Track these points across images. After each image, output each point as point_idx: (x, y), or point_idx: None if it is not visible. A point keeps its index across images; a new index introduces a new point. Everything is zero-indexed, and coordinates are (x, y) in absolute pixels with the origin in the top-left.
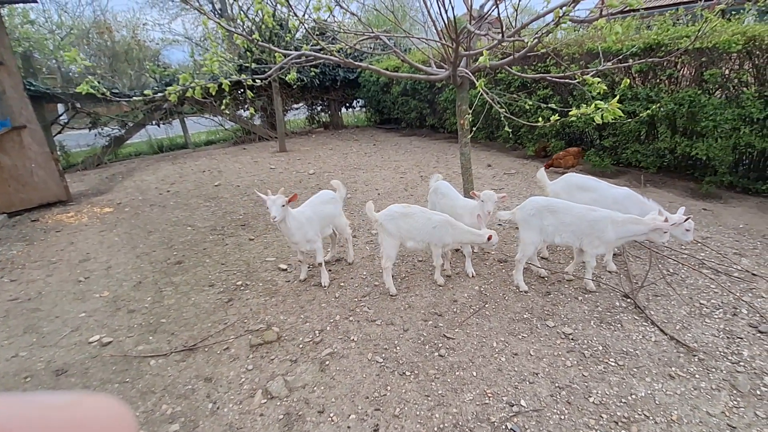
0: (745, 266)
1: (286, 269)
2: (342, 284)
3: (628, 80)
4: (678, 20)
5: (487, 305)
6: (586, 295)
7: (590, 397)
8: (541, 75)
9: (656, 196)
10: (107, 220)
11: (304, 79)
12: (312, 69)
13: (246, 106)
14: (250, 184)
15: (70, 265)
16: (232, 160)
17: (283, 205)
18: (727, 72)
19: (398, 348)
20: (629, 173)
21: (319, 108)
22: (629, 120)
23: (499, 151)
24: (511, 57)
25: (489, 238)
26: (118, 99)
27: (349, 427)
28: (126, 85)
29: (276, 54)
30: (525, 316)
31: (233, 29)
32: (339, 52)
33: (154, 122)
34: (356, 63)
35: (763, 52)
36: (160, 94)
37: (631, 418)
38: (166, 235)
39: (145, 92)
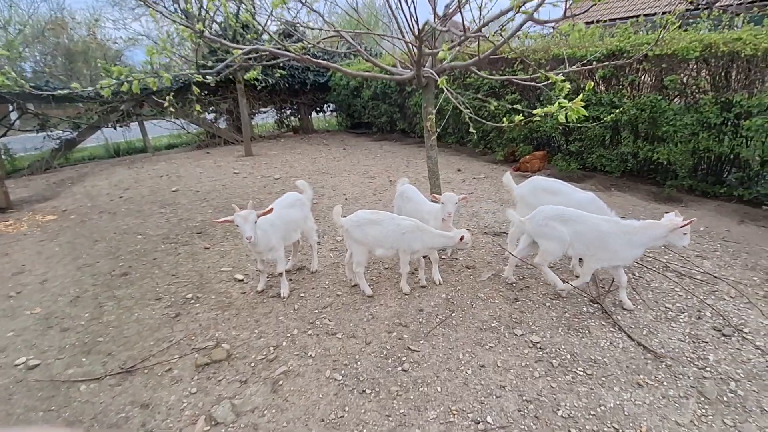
0: (707, 269)
1: (242, 280)
2: (302, 294)
3: (592, 83)
4: (639, 30)
5: (454, 314)
6: (554, 301)
7: (558, 410)
8: (507, 77)
9: (621, 200)
10: (49, 228)
11: (270, 80)
12: (278, 70)
13: (210, 109)
14: (210, 189)
15: (1, 279)
16: (194, 165)
17: (255, 222)
18: (685, 78)
19: (359, 363)
20: (595, 177)
21: (288, 112)
22: (594, 125)
23: (469, 156)
24: (477, 58)
25: (461, 239)
26: (39, 92)
27: None
28: (85, 86)
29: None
30: (493, 324)
31: (179, 21)
32: (303, 50)
33: (110, 125)
34: (315, 60)
35: (719, 60)
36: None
37: (601, 431)
38: (114, 244)
39: (72, 85)
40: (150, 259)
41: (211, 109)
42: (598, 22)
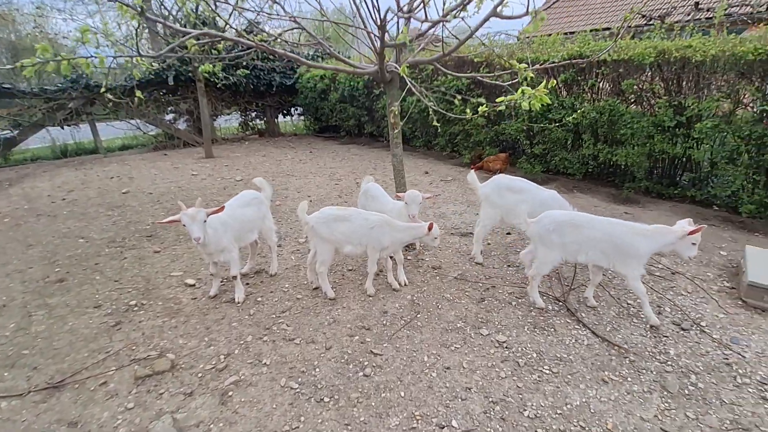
0: (665, 265)
1: (194, 285)
2: (259, 299)
3: (555, 81)
4: (597, 38)
5: (419, 315)
6: (520, 300)
7: (525, 410)
8: (472, 75)
9: (583, 201)
10: None
11: (232, 78)
12: (242, 69)
13: (169, 109)
14: (165, 191)
15: None
16: (149, 166)
17: (205, 221)
18: (641, 83)
19: (318, 370)
20: (558, 180)
21: (253, 114)
22: (555, 125)
23: (437, 159)
24: (441, 54)
25: (430, 228)
26: None
27: None
28: (34, 84)
29: (190, 45)
30: (459, 325)
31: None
32: (261, 40)
33: (56, 123)
34: (272, 48)
35: (671, 65)
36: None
37: (567, 431)
38: (50, 248)
39: None
40: (91, 264)
41: (169, 109)
42: (558, 34)
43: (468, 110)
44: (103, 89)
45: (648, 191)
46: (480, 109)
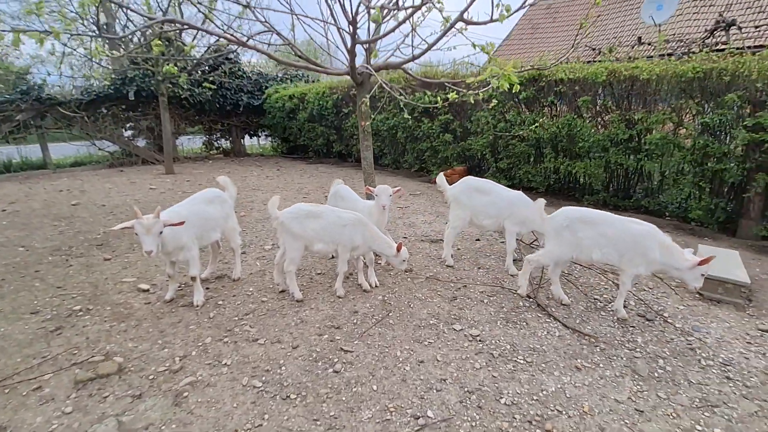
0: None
1: (148, 290)
2: (220, 302)
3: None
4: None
5: (390, 314)
6: (492, 298)
7: (501, 398)
8: (439, 80)
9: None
10: None
11: (195, 90)
12: (208, 84)
13: (128, 125)
14: (120, 203)
15: None
16: (103, 181)
17: (161, 232)
18: (596, 100)
19: (284, 368)
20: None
21: (218, 134)
22: (518, 140)
23: (406, 176)
24: (411, 56)
25: (398, 249)
26: None
27: None
28: None
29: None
30: (431, 321)
31: None
32: (234, 71)
33: (1, 137)
34: (239, 41)
35: (621, 83)
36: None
37: (545, 416)
38: None
39: None
40: (31, 272)
41: (128, 125)
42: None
43: (438, 99)
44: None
45: (606, 203)
46: (451, 96)
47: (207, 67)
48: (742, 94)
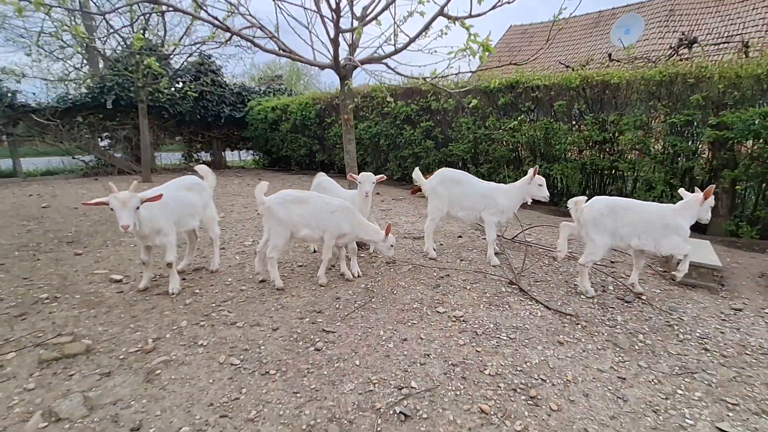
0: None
1: (120, 280)
2: (197, 291)
3: (496, 81)
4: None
5: (373, 299)
6: (474, 285)
7: (486, 369)
8: (425, 77)
9: (528, 213)
10: None
11: (177, 94)
12: (191, 93)
13: (104, 135)
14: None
15: None
16: (76, 187)
17: (138, 207)
18: (571, 104)
19: (263, 348)
20: None
21: (198, 146)
22: (500, 147)
23: (388, 184)
24: (394, 50)
25: (387, 232)
26: None
27: None
28: None
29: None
30: (415, 306)
31: None
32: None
33: None
34: (227, 26)
35: (594, 88)
36: None
37: (529, 384)
38: None
39: None
40: None
41: (105, 135)
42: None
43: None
44: None
45: None
46: (432, 73)
47: (189, 78)
48: (705, 95)
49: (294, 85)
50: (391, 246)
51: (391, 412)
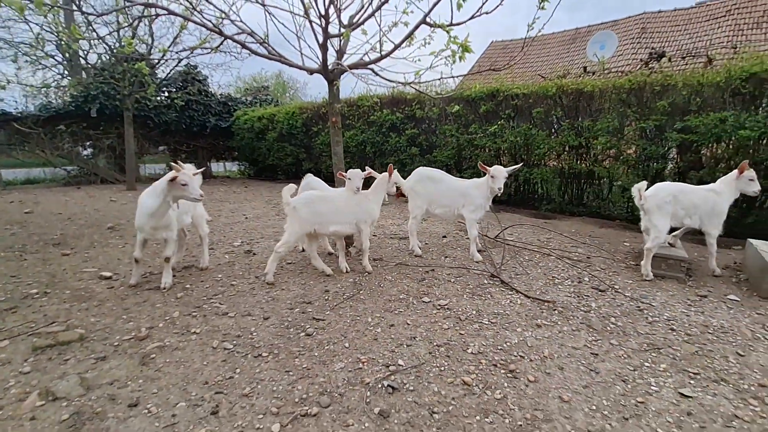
0: (581, 253)
1: (110, 277)
2: (188, 286)
3: (477, 85)
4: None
5: (361, 292)
6: (458, 278)
7: (468, 349)
8: (409, 82)
9: (509, 215)
10: None
11: (163, 102)
12: (178, 101)
13: (87, 144)
14: (78, 212)
15: None
16: (58, 195)
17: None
18: (548, 111)
19: (255, 334)
20: None
21: (183, 155)
22: (482, 152)
23: None
24: (380, 56)
25: (390, 172)
26: None
27: (174, 416)
28: None
29: (126, 42)
30: (401, 296)
31: None
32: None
33: None
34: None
35: (569, 96)
36: None
37: (509, 360)
38: None
39: None
40: None
41: (88, 144)
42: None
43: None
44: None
45: (562, 210)
46: (416, 73)
47: (174, 88)
48: (671, 101)
49: (280, 97)
50: (395, 183)
51: (380, 386)
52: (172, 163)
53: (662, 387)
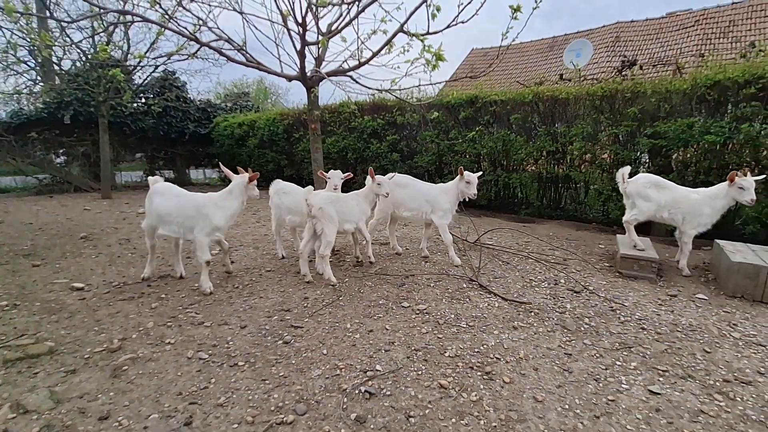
0: (558, 256)
1: (82, 288)
2: (163, 296)
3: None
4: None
5: (341, 298)
6: (438, 282)
7: (446, 352)
8: (386, 89)
9: (490, 220)
10: None
11: (139, 108)
12: (155, 107)
13: (61, 151)
14: (50, 221)
15: None
16: (29, 204)
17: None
18: (526, 117)
19: (231, 343)
20: (468, 210)
21: (161, 162)
22: (462, 158)
23: None
24: (358, 63)
25: (372, 176)
26: None
27: (146, 428)
28: None
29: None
30: (381, 302)
31: None
32: (182, 102)
33: None
34: (195, 38)
35: (545, 103)
36: None
37: (485, 362)
38: None
39: None
40: None
41: (61, 151)
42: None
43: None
44: None
45: (540, 214)
46: (393, 83)
47: (152, 95)
48: (641, 108)
49: (261, 103)
50: (379, 184)
51: (357, 391)
52: (239, 168)
53: (632, 385)
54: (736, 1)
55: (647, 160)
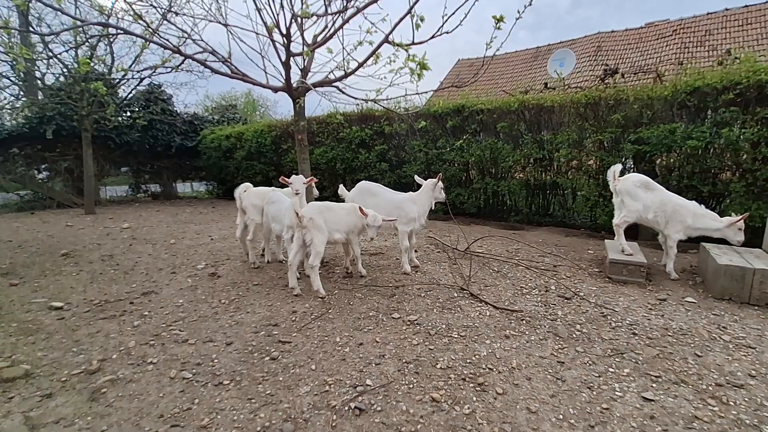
0: (548, 262)
1: (61, 307)
2: (146, 314)
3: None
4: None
5: (330, 311)
6: (429, 293)
7: (437, 364)
8: (373, 99)
9: (479, 227)
10: None
11: (124, 122)
12: (140, 121)
13: (43, 167)
14: (30, 238)
15: None
16: (9, 221)
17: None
18: (512, 125)
19: (216, 361)
20: (457, 217)
21: (147, 176)
22: (451, 166)
23: None
24: (344, 74)
25: (362, 212)
26: None
27: None
28: None
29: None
30: (371, 314)
31: None
32: (168, 115)
33: None
34: (179, 50)
35: (531, 110)
36: None
37: (477, 373)
38: None
39: None
40: None
41: (44, 166)
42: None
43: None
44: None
45: (529, 221)
46: (378, 92)
47: (137, 108)
48: (624, 114)
49: (250, 116)
50: (370, 225)
51: (347, 408)
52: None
53: (626, 392)
54: (711, 12)
55: (632, 166)
